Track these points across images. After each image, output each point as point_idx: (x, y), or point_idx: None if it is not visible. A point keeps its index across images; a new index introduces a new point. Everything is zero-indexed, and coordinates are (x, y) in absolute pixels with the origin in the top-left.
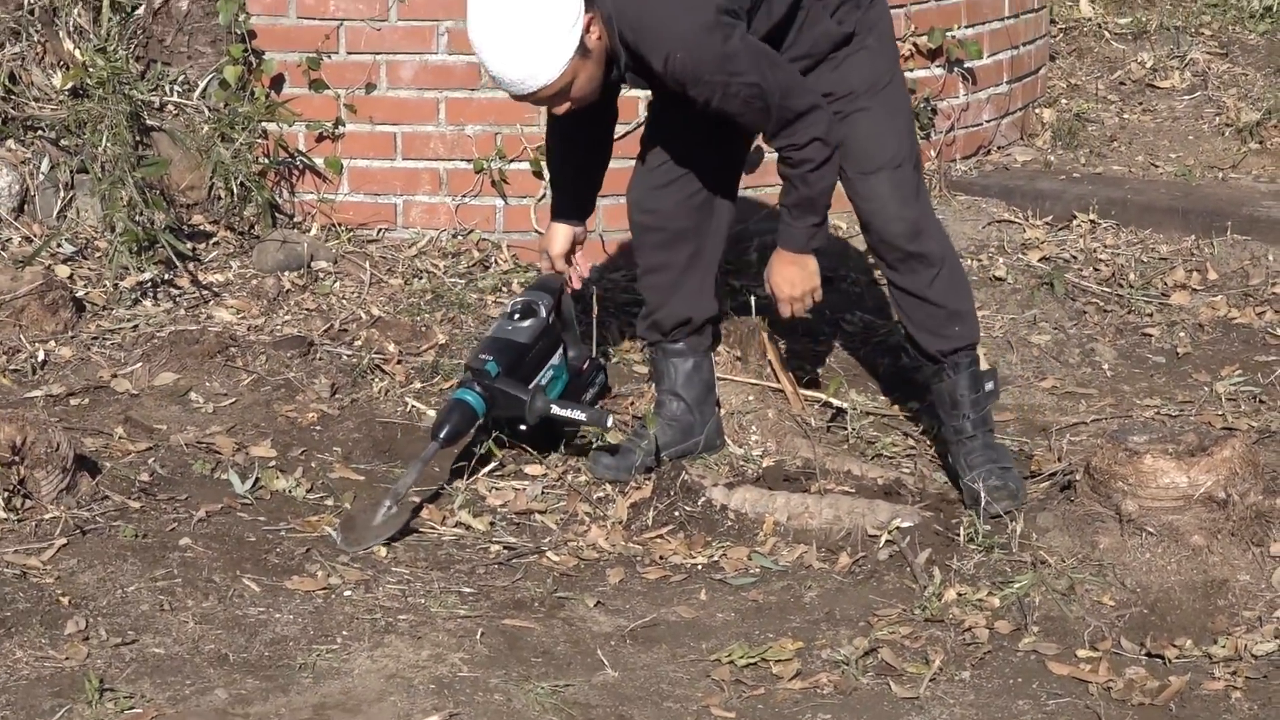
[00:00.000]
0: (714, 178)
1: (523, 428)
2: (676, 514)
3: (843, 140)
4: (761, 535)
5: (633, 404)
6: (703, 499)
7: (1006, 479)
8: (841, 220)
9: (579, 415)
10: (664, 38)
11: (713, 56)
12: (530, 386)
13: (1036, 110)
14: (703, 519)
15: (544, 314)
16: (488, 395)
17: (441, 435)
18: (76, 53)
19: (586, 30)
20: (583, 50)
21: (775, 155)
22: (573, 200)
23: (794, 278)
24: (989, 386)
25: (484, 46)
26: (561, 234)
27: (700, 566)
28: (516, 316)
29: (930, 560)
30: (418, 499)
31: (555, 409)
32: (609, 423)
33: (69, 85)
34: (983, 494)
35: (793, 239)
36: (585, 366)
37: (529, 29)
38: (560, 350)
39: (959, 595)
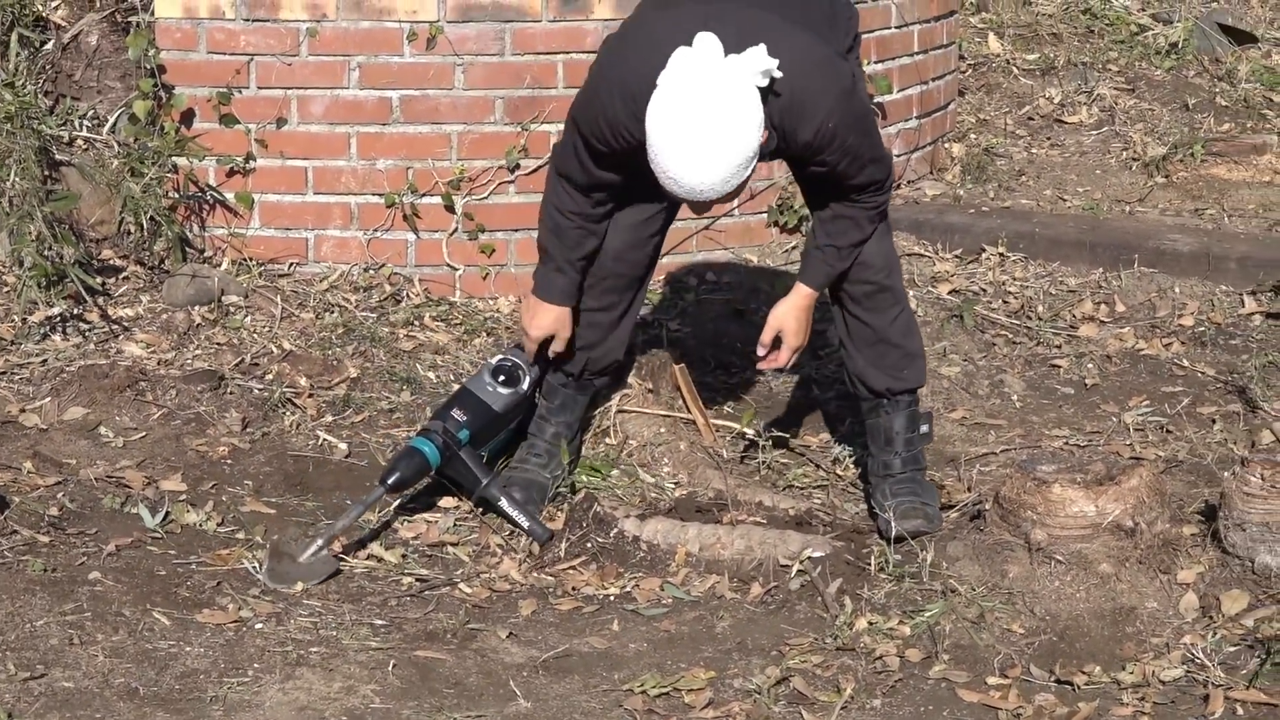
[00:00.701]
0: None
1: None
2: (589, 545)
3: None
4: (674, 566)
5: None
6: (615, 530)
7: (924, 505)
8: (752, 254)
9: (522, 521)
10: (819, 110)
11: (855, 120)
12: (484, 459)
13: (946, 145)
14: (615, 550)
15: (525, 387)
16: (447, 456)
17: (390, 482)
18: None
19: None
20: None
21: None
22: (575, 287)
23: (805, 325)
24: (924, 429)
25: (678, 152)
26: (552, 317)
27: (612, 597)
28: (500, 379)
29: (841, 589)
30: (344, 541)
31: (504, 504)
32: (546, 539)
33: None
34: (893, 516)
35: (820, 278)
36: None
37: (729, 147)
38: (519, 420)
39: (870, 624)
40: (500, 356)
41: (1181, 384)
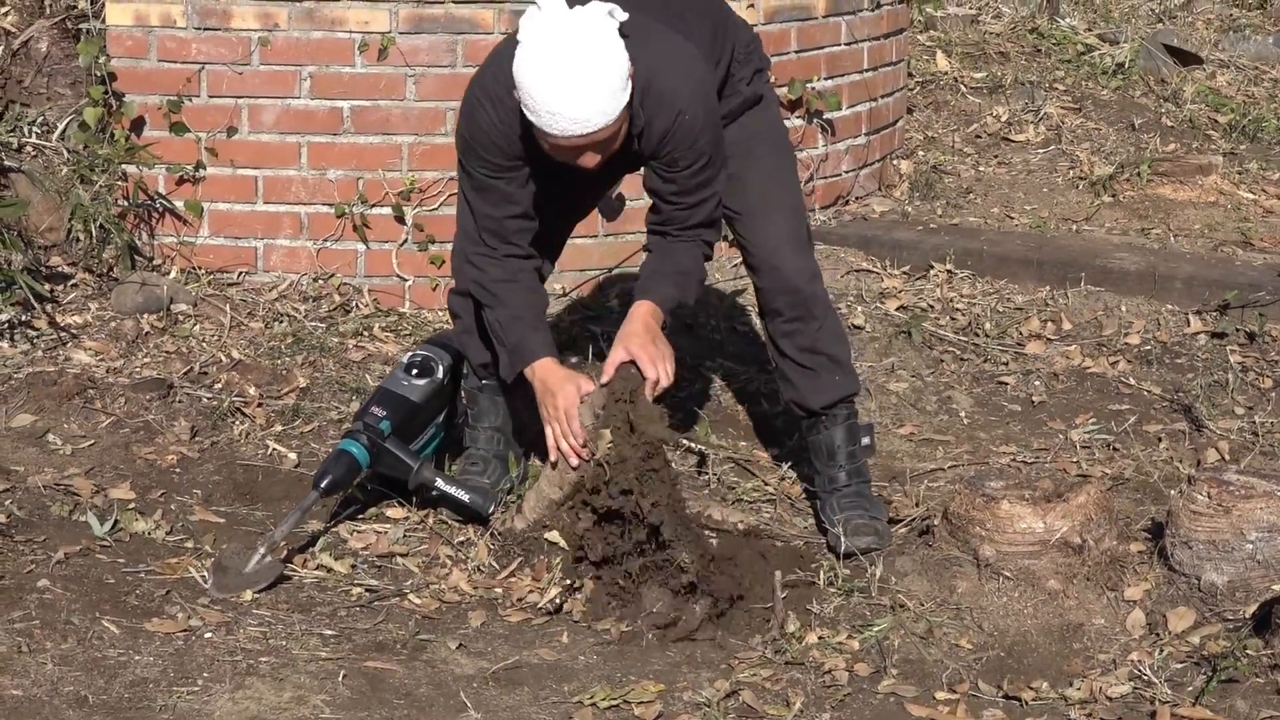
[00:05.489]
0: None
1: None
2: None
3: (743, 178)
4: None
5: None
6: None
7: (873, 521)
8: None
9: (462, 495)
10: (677, 98)
11: (709, 121)
12: (416, 449)
13: (894, 162)
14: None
15: (440, 375)
16: (374, 451)
17: (323, 485)
18: None
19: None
20: (629, 103)
21: (646, 207)
22: (547, 335)
23: (651, 338)
24: (865, 441)
25: (552, 83)
26: (563, 374)
27: (559, 603)
28: (414, 373)
29: (791, 603)
30: (289, 547)
31: (440, 484)
32: (490, 509)
33: None
34: (844, 533)
35: (668, 303)
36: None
37: (598, 71)
38: (445, 411)
39: (819, 638)
40: (411, 353)
41: (1128, 402)
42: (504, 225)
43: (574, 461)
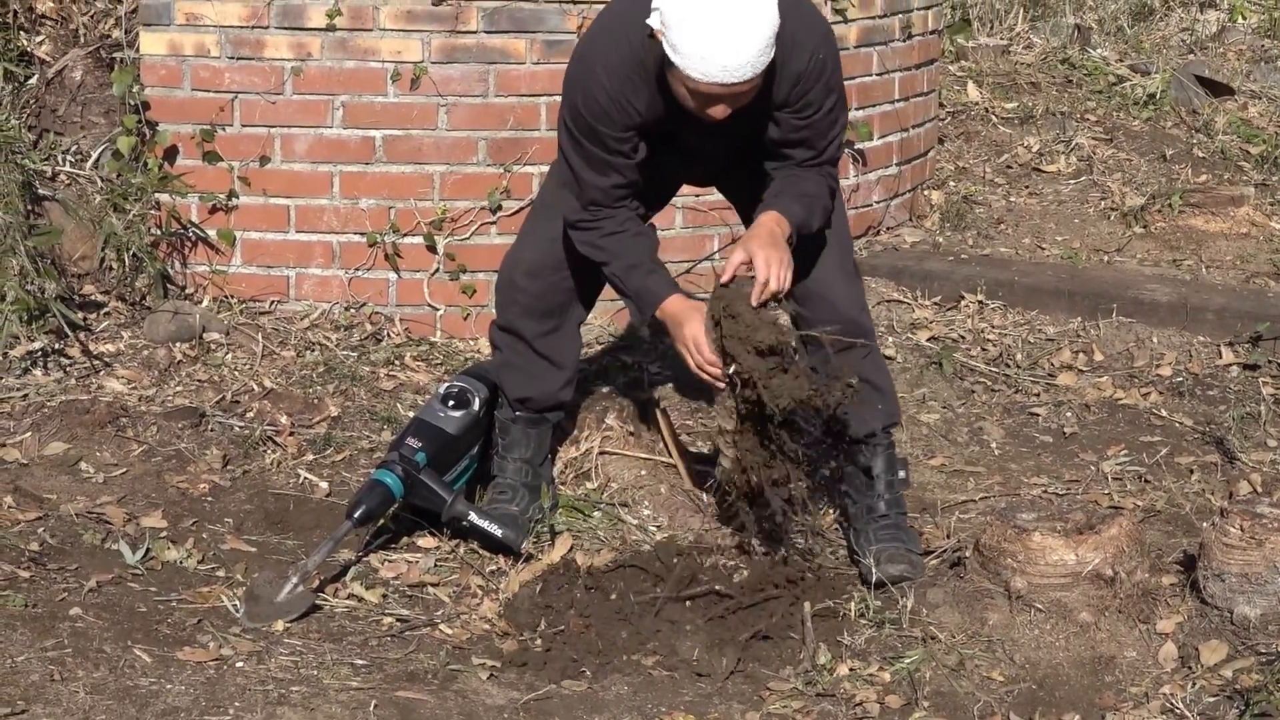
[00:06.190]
0: None
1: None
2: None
3: None
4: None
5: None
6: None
7: (908, 552)
8: None
9: (495, 530)
10: (811, 38)
11: (837, 58)
12: (449, 480)
13: (925, 192)
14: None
15: (476, 407)
16: (409, 482)
17: (356, 515)
18: None
19: None
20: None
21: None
22: (665, 274)
23: (773, 242)
24: (902, 474)
25: (711, 28)
26: (688, 307)
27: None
28: (451, 404)
29: (822, 634)
30: (320, 576)
31: (473, 517)
32: (522, 544)
33: None
34: (876, 562)
35: (785, 211)
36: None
37: (756, 23)
38: (480, 442)
39: (850, 670)
40: (448, 383)
41: (1159, 434)
42: (610, 193)
43: (719, 385)
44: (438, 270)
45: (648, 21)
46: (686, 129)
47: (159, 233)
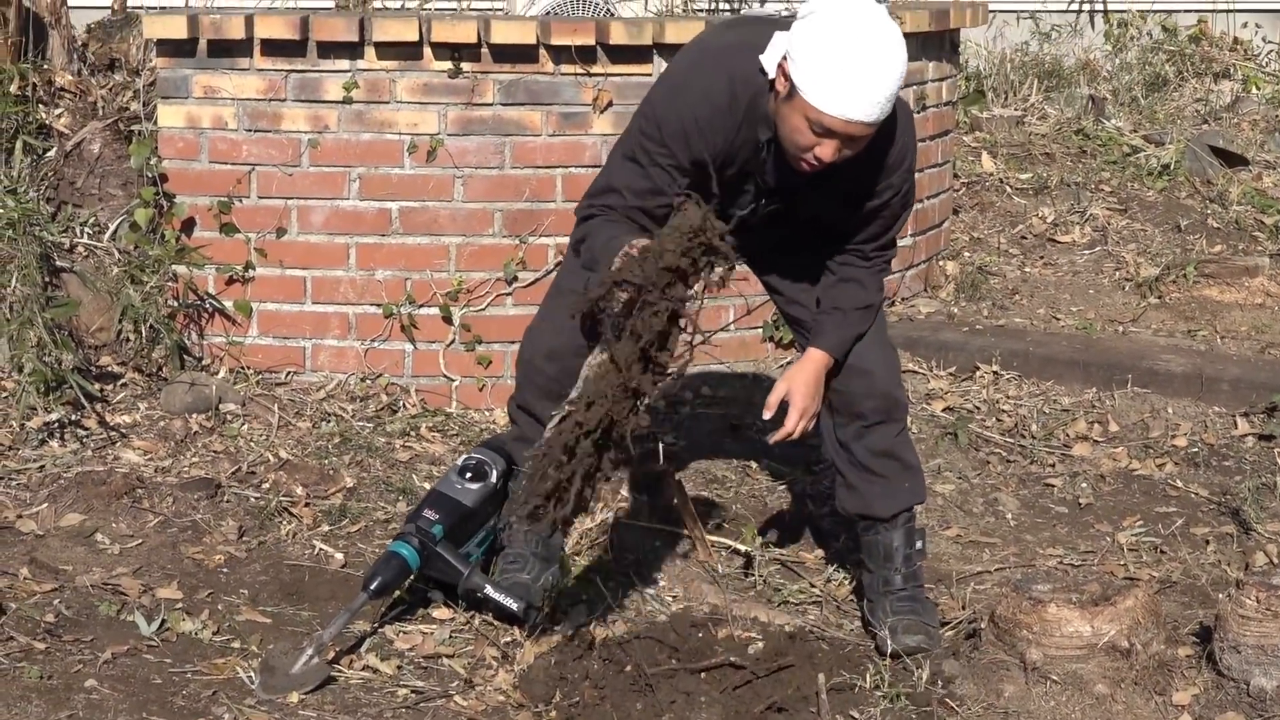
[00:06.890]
0: None
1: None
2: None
3: None
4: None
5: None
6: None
7: (925, 625)
8: (747, 368)
9: (510, 604)
10: (903, 123)
11: (915, 152)
12: (465, 552)
13: (940, 263)
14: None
15: (494, 479)
16: (425, 554)
17: (373, 587)
18: None
19: None
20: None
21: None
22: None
23: (815, 388)
24: (919, 545)
25: (857, 59)
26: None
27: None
28: (468, 476)
29: (837, 707)
30: (336, 648)
31: (489, 591)
32: (534, 620)
33: None
34: (893, 633)
35: (840, 344)
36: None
37: (895, 67)
38: (497, 515)
39: None
40: (465, 456)
41: (1175, 504)
42: (631, 209)
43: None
44: (453, 341)
45: (761, 58)
46: (748, 185)
47: (176, 304)
